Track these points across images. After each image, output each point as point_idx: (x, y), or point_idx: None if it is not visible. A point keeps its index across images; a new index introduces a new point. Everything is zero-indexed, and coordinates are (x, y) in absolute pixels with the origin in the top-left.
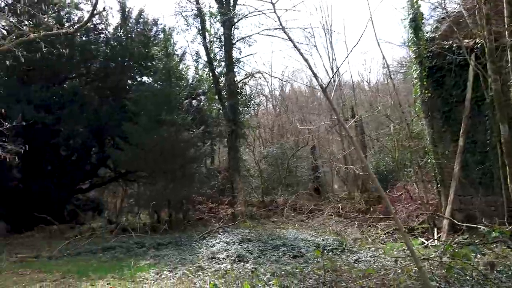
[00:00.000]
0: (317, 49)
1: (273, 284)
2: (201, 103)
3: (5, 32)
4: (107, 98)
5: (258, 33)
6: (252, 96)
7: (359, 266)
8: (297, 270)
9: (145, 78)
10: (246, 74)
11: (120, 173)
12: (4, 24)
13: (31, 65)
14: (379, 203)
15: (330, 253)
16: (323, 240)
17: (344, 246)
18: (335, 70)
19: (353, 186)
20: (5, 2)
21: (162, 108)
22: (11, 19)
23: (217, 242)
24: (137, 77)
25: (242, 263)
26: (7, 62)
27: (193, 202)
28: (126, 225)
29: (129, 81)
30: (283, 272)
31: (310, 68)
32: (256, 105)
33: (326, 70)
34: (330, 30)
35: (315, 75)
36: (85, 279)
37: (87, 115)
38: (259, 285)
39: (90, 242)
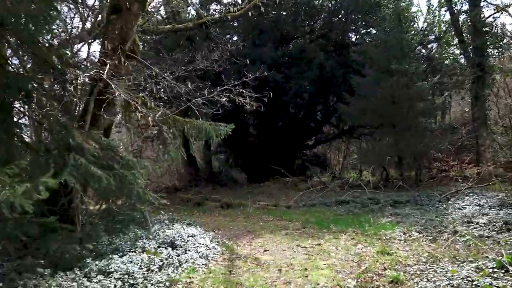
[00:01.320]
0: None
1: None
2: (433, 51)
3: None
4: (331, 53)
5: None
6: (503, 35)
7: None
8: None
9: (369, 30)
10: (495, 8)
11: (343, 130)
12: None
13: (262, 29)
14: None
15: None
16: None
17: None
18: None
19: None
20: None
21: (392, 57)
22: None
23: (467, 205)
24: (361, 29)
25: None
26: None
27: (427, 159)
28: (352, 181)
29: (353, 34)
30: None
31: None
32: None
33: None
34: None
35: None
36: (326, 231)
37: (312, 72)
38: None
39: (322, 195)
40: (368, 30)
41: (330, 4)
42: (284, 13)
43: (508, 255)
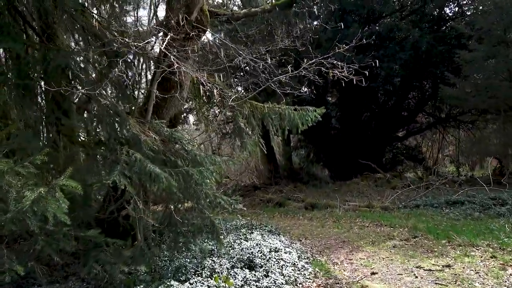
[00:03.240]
0: None
1: None
2: None
3: None
4: (426, 30)
5: None
6: None
7: None
8: None
9: None
10: None
11: (439, 118)
12: None
13: (346, 9)
14: None
15: None
16: None
17: None
18: None
19: None
20: None
21: (511, 23)
22: None
23: None
24: None
25: None
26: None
27: None
28: (454, 176)
29: (453, 5)
30: None
31: None
32: None
33: None
34: None
35: None
36: (446, 243)
37: (405, 53)
38: None
39: (426, 193)
40: None
41: None
42: None
43: None
